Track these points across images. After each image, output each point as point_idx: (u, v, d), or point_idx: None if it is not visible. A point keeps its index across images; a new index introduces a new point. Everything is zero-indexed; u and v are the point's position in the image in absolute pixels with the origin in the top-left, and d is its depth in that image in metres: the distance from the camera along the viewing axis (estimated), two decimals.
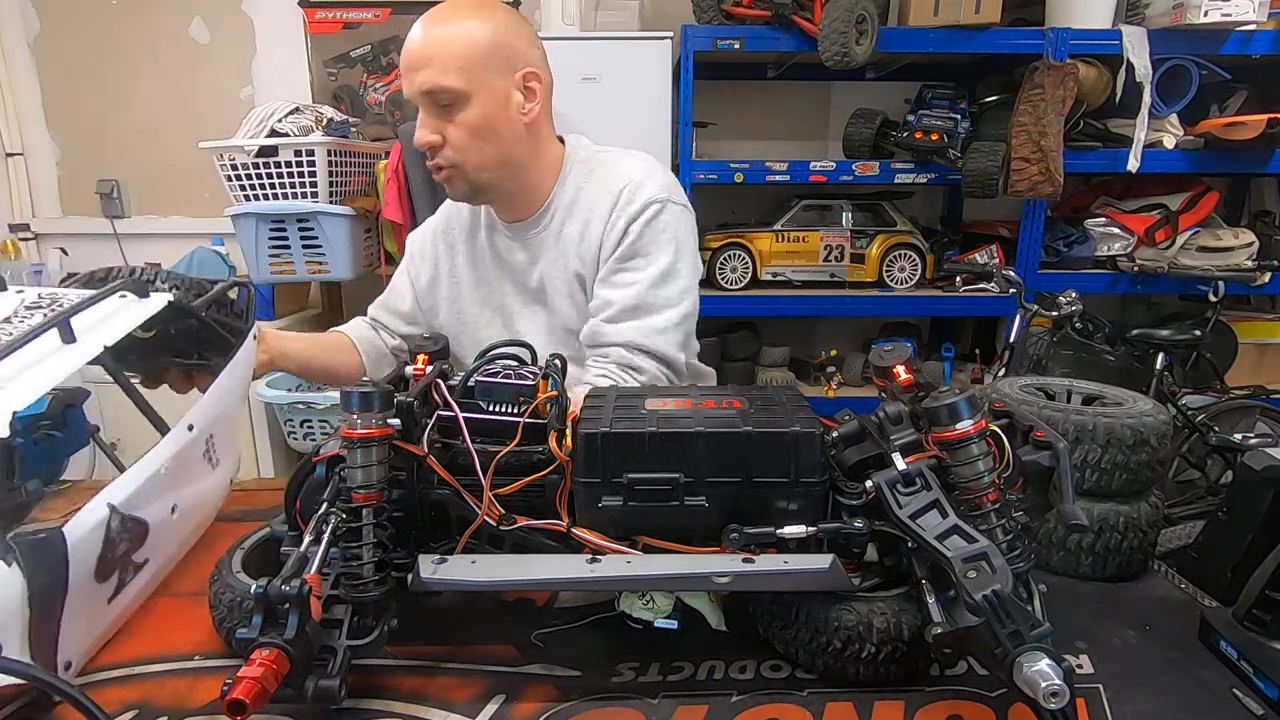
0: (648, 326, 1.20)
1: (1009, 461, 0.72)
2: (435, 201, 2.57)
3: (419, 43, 1.14)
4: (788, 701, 0.71)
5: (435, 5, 1.17)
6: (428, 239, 1.41)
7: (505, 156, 1.20)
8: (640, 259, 1.21)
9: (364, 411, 0.71)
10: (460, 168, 1.18)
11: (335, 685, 0.64)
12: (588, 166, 1.28)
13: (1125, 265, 2.70)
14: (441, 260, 1.39)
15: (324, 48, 2.98)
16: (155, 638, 0.82)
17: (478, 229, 1.36)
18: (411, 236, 1.45)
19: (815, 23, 2.35)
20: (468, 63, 1.12)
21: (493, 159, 1.18)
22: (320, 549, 0.69)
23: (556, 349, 1.30)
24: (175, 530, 0.89)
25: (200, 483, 0.94)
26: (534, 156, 1.24)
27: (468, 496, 0.75)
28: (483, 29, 1.14)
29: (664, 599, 0.80)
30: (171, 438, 0.87)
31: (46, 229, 3.10)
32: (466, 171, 1.19)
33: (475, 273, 1.37)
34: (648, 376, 1.20)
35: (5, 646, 0.64)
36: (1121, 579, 0.94)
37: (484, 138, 1.16)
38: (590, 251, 1.24)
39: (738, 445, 0.73)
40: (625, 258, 1.21)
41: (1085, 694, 0.71)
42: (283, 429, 2.54)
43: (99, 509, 0.75)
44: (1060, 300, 2.36)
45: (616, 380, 1.18)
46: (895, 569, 0.77)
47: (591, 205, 1.25)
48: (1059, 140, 2.44)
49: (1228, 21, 2.40)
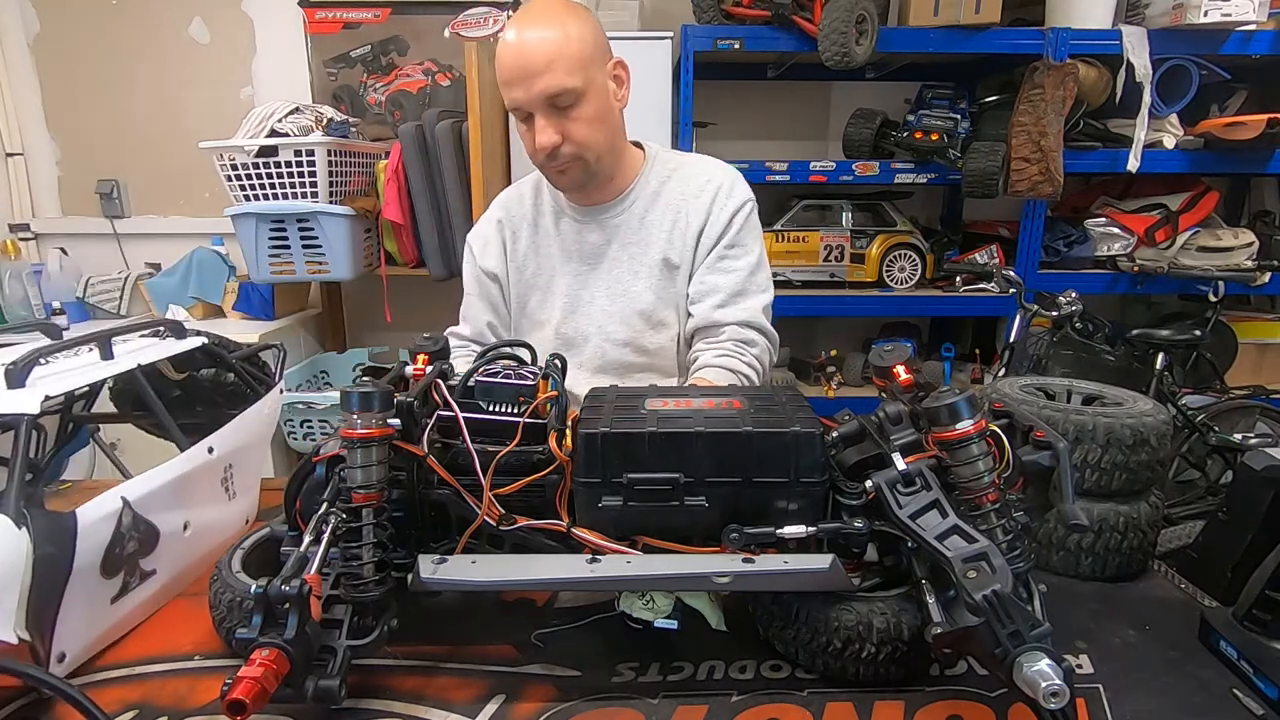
0: (754, 306, 1.34)
1: (1009, 461, 0.72)
2: (436, 201, 2.58)
3: (533, 50, 1.17)
4: (788, 701, 0.71)
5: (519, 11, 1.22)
6: (491, 236, 1.43)
7: (613, 141, 1.30)
8: (739, 249, 1.35)
9: (364, 411, 0.71)
10: (582, 159, 1.25)
11: (335, 685, 0.64)
12: (670, 164, 1.40)
13: (1125, 265, 2.70)
14: (506, 248, 1.43)
15: (324, 48, 2.98)
16: (155, 638, 0.82)
17: (540, 216, 1.41)
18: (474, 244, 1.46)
19: (815, 23, 2.35)
20: (580, 62, 1.19)
21: (606, 146, 1.28)
22: (320, 549, 0.69)
23: (619, 330, 1.35)
24: (186, 548, 0.90)
25: (215, 509, 0.96)
26: (623, 141, 1.36)
27: (468, 496, 0.75)
28: (584, 28, 1.22)
29: (664, 599, 0.80)
30: (190, 454, 0.90)
31: (46, 229, 3.10)
32: (588, 162, 1.26)
33: (538, 259, 1.41)
34: (759, 349, 1.33)
35: (3, 605, 0.65)
36: (1121, 579, 0.94)
37: (599, 129, 1.25)
38: (686, 239, 1.34)
39: (738, 445, 0.73)
40: (728, 246, 1.34)
41: (1085, 694, 0.71)
42: (283, 429, 2.54)
43: (113, 500, 0.77)
44: (1060, 300, 2.36)
45: (734, 357, 1.29)
46: (895, 569, 0.77)
47: (683, 197, 1.36)
48: (1059, 140, 2.43)
49: (1228, 21, 2.39)
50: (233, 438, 0.98)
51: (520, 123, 1.26)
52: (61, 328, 1.13)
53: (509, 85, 1.20)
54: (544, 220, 1.41)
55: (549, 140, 1.21)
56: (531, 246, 1.41)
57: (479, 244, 1.44)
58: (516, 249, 1.42)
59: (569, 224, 1.39)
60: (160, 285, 2.79)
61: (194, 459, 0.90)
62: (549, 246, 1.40)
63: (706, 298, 1.33)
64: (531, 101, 1.19)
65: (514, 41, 1.19)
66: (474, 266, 1.44)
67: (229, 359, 1.05)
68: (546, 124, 1.20)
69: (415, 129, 2.51)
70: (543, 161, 1.26)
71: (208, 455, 0.93)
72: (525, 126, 1.25)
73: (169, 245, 3.02)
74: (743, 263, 1.34)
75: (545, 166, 1.28)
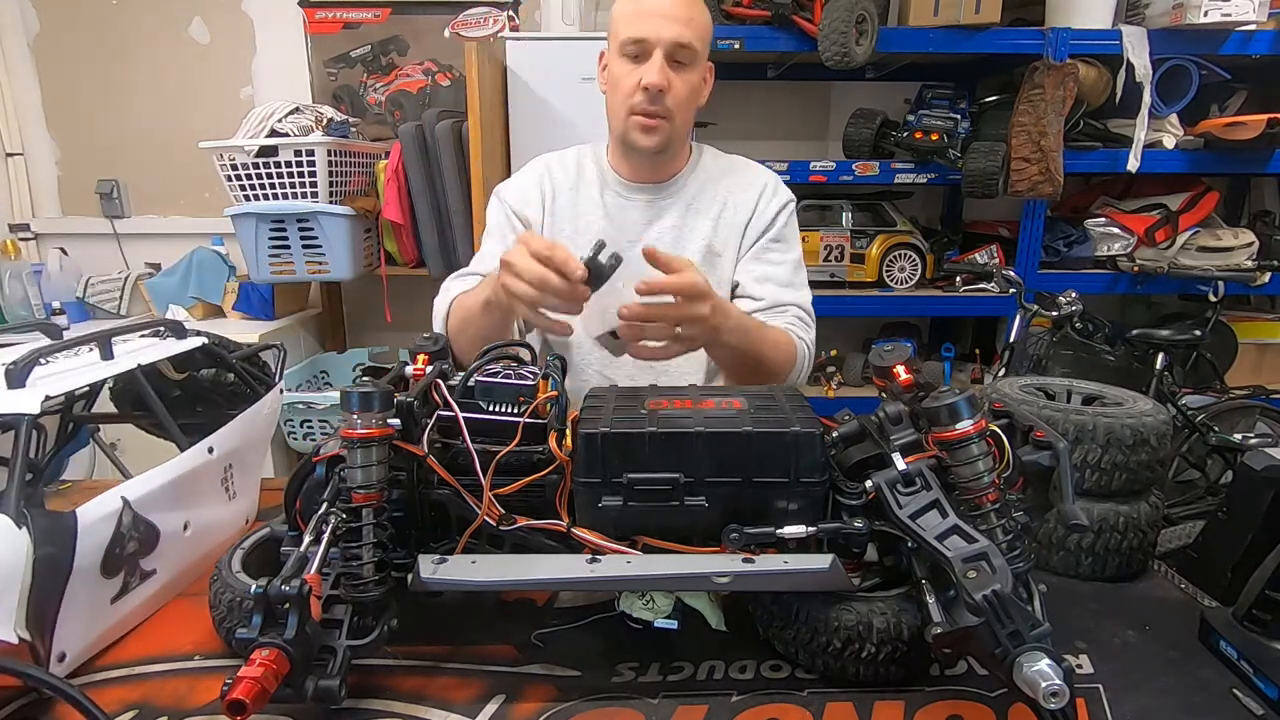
0: (806, 298, 1.38)
1: (1009, 461, 0.72)
2: (436, 201, 2.58)
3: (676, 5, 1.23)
4: (788, 701, 0.71)
5: None
6: (530, 186, 1.41)
7: (690, 123, 1.35)
8: (784, 244, 1.40)
9: (364, 411, 0.71)
10: (671, 120, 1.27)
11: (335, 685, 0.64)
12: (720, 159, 1.45)
13: (1125, 265, 2.70)
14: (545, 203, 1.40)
15: (324, 48, 2.98)
16: (155, 638, 0.82)
17: (581, 184, 1.40)
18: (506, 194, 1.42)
19: (815, 23, 2.35)
20: (705, 37, 1.27)
21: (686, 122, 1.32)
22: (320, 549, 0.69)
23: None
24: (186, 548, 0.90)
25: (215, 509, 0.96)
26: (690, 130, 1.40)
27: (468, 496, 0.75)
28: (707, 16, 1.29)
29: (664, 599, 0.80)
30: (191, 454, 0.90)
31: (46, 229, 3.10)
32: (675, 125, 1.29)
33: (576, 222, 1.39)
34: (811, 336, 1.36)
35: (4, 605, 0.65)
36: (1121, 579, 0.94)
37: (690, 102, 1.30)
38: (732, 228, 1.38)
39: (738, 445, 0.73)
40: (774, 240, 1.38)
41: (1085, 694, 0.71)
42: (283, 429, 2.54)
43: (113, 500, 0.77)
44: (1060, 300, 2.36)
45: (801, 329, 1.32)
46: (895, 569, 0.77)
47: (730, 190, 1.40)
48: (1059, 140, 2.43)
49: (1228, 21, 2.39)
50: (233, 438, 0.97)
51: (620, 59, 1.25)
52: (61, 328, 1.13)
53: (642, 16, 1.22)
54: (588, 188, 1.40)
55: (660, 79, 1.21)
56: (571, 207, 1.39)
57: (515, 193, 1.41)
58: (556, 205, 1.39)
59: (613, 197, 1.39)
60: (160, 285, 2.79)
61: (194, 459, 0.90)
62: (591, 212, 1.38)
63: (766, 281, 1.35)
64: (659, 40, 1.21)
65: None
66: (505, 212, 1.40)
67: (229, 359, 1.05)
68: (663, 66, 1.22)
69: (415, 129, 2.51)
70: (639, 103, 1.24)
71: (208, 455, 0.93)
72: (628, 66, 1.24)
73: (169, 245, 3.02)
74: (788, 257, 1.39)
75: (636, 112, 1.26)
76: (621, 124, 1.29)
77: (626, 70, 1.25)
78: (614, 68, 1.28)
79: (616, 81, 1.27)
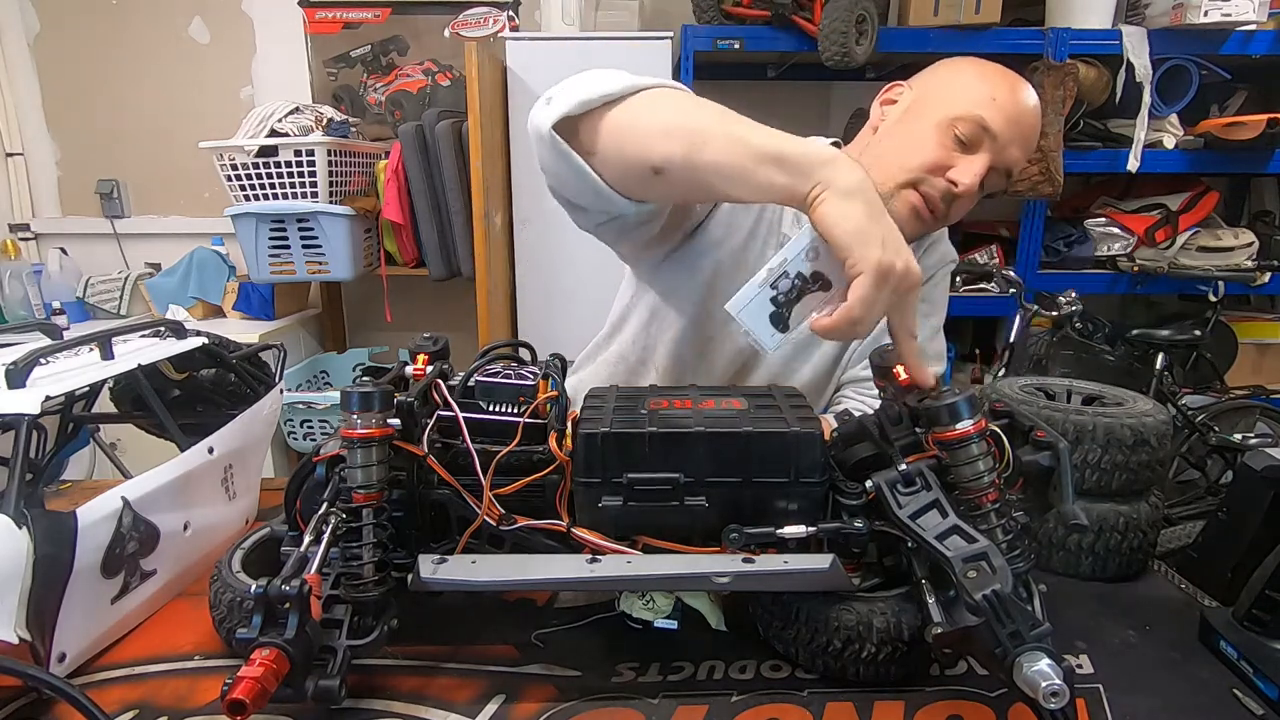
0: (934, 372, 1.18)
1: (1009, 461, 0.72)
2: (436, 201, 2.58)
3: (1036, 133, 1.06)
4: (788, 701, 0.71)
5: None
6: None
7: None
8: (928, 305, 1.22)
9: (364, 411, 0.71)
10: (942, 223, 1.10)
11: (335, 685, 0.64)
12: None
13: (1125, 265, 2.70)
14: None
15: (324, 48, 2.98)
16: (155, 638, 0.82)
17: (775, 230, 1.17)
18: None
19: (815, 23, 2.35)
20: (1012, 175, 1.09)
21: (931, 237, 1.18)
22: (320, 549, 0.69)
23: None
24: (186, 548, 0.90)
25: (216, 509, 0.96)
26: None
27: (468, 496, 0.75)
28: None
29: (664, 599, 0.80)
30: (191, 454, 0.90)
31: (46, 229, 3.10)
32: (937, 227, 1.14)
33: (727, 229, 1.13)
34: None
35: (4, 605, 0.65)
36: (1121, 579, 0.94)
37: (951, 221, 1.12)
38: None
39: (738, 445, 0.73)
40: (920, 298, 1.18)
41: (1085, 694, 0.71)
42: (283, 429, 2.54)
43: (113, 500, 0.77)
44: (1060, 300, 2.37)
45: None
46: (895, 569, 0.76)
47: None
48: (1059, 140, 2.44)
49: (1228, 21, 2.40)
50: (233, 438, 0.97)
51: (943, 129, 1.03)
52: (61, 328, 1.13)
53: (1010, 121, 1.02)
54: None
55: (973, 182, 1.02)
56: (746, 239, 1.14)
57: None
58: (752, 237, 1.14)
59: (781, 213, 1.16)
60: (160, 285, 2.79)
61: (194, 459, 0.90)
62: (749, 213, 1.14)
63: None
64: (1002, 152, 1.03)
65: (1038, 108, 1.06)
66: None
67: (229, 359, 1.05)
68: (981, 174, 1.03)
69: (415, 129, 2.51)
70: (931, 190, 1.04)
71: (208, 455, 0.92)
72: (946, 142, 1.03)
73: (169, 245, 3.02)
74: (930, 322, 1.22)
75: (921, 192, 1.05)
76: (890, 186, 1.05)
77: (941, 144, 1.03)
78: (926, 129, 1.05)
79: (920, 146, 1.04)
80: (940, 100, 1.06)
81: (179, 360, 1.01)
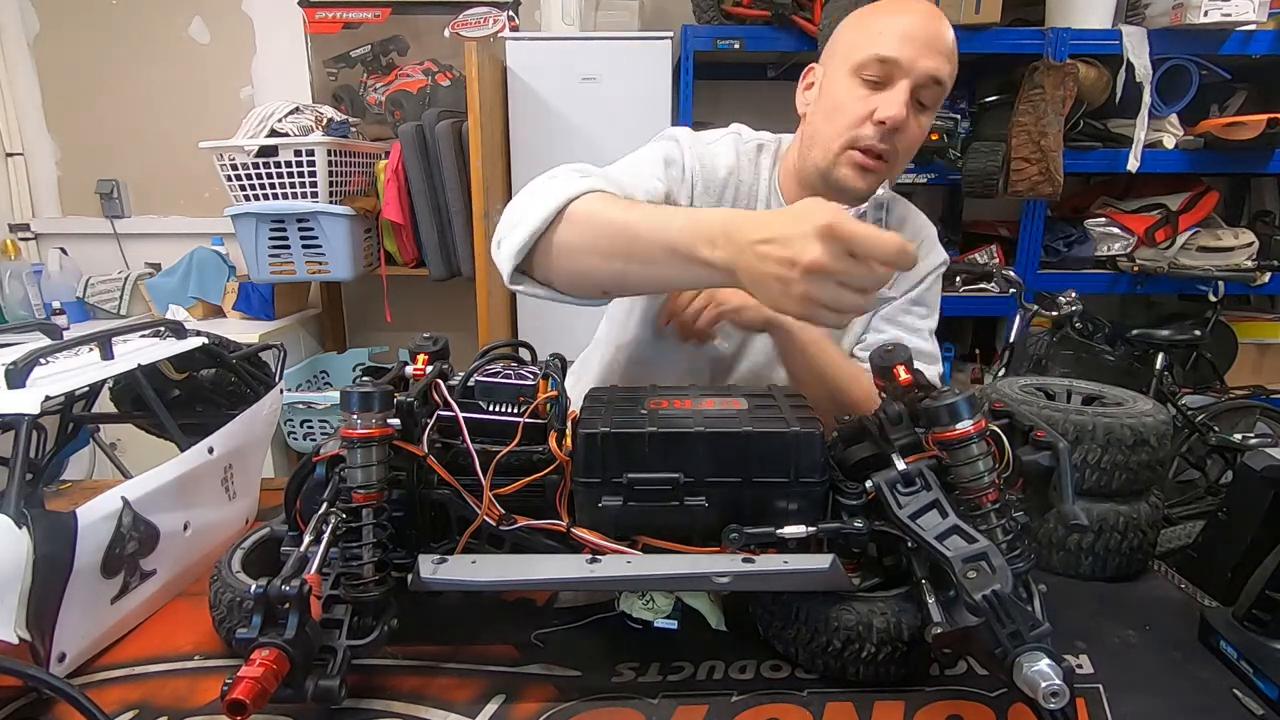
0: (934, 374, 1.19)
1: (1009, 461, 0.72)
2: (436, 201, 2.58)
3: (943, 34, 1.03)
4: (788, 701, 0.71)
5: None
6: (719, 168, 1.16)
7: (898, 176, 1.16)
8: (924, 309, 1.24)
9: (364, 411, 0.71)
10: (892, 165, 1.09)
11: (335, 685, 0.64)
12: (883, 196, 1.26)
13: (1125, 265, 2.70)
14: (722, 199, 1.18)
15: (324, 48, 2.98)
16: (155, 638, 0.82)
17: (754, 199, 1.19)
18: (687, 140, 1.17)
19: (815, 23, 2.35)
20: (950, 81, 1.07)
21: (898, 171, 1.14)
22: (320, 549, 0.69)
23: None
24: (186, 548, 0.90)
25: (215, 509, 0.96)
26: None
27: (468, 496, 0.75)
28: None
29: (664, 599, 0.80)
30: (191, 454, 0.90)
31: (46, 229, 3.10)
32: (893, 171, 1.11)
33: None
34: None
35: (4, 605, 0.65)
36: (1121, 579, 0.94)
37: (912, 148, 1.11)
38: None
39: (738, 445, 0.73)
40: (914, 301, 1.23)
41: (1085, 694, 0.71)
42: (283, 429, 2.54)
43: (113, 500, 0.77)
44: (1060, 300, 2.37)
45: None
46: (895, 569, 0.76)
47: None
48: (1059, 140, 2.44)
49: (1228, 21, 2.40)
50: (233, 438, 0.97)
51: (851, 80, 1.04)
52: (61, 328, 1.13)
53: (899, 36, 1.01)
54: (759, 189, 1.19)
55: (899, 112, 1.00)
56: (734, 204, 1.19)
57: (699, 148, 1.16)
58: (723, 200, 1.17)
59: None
60: (160, 285, 2.79)
61: (194, 459, 0.90)
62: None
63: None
64: (914, 69, 1.01)
65: (928, 11, 1.03)
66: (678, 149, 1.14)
67: (229, 359, 1.05)
68: (907, 100, 1.02)
69: (415, 129, 2.51)
70: (866, 137, 1.03)
71: (208, 455, 0.93)
72: (861, 90, 1.03)
73: (169, 245, 3.02)
74: (926, 324, 1.24)
75: (858, 147, 1.05)
76: (830, 157, 1.06)
77: (857, 95, 1.03)
78: (839, 89, 1.05)
79: (840, 106, 1.05)
80: (840, 59, 1.07)
81: (179, 360, 1.01)
